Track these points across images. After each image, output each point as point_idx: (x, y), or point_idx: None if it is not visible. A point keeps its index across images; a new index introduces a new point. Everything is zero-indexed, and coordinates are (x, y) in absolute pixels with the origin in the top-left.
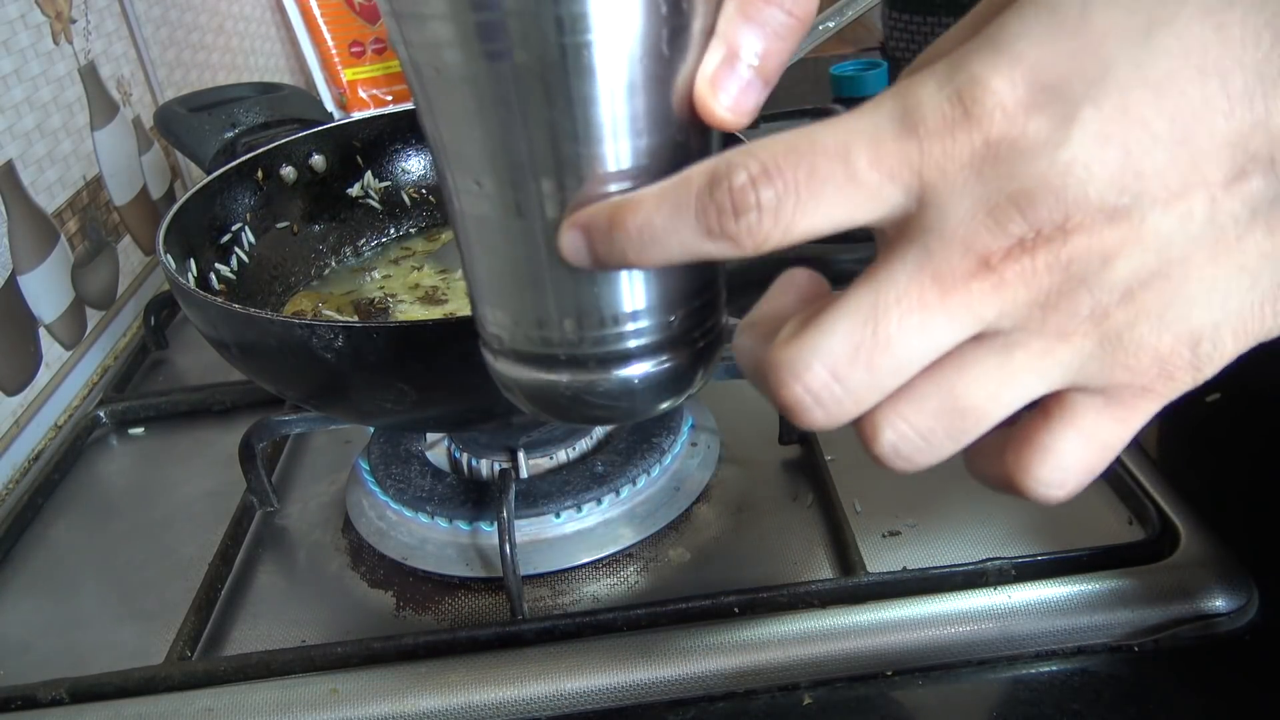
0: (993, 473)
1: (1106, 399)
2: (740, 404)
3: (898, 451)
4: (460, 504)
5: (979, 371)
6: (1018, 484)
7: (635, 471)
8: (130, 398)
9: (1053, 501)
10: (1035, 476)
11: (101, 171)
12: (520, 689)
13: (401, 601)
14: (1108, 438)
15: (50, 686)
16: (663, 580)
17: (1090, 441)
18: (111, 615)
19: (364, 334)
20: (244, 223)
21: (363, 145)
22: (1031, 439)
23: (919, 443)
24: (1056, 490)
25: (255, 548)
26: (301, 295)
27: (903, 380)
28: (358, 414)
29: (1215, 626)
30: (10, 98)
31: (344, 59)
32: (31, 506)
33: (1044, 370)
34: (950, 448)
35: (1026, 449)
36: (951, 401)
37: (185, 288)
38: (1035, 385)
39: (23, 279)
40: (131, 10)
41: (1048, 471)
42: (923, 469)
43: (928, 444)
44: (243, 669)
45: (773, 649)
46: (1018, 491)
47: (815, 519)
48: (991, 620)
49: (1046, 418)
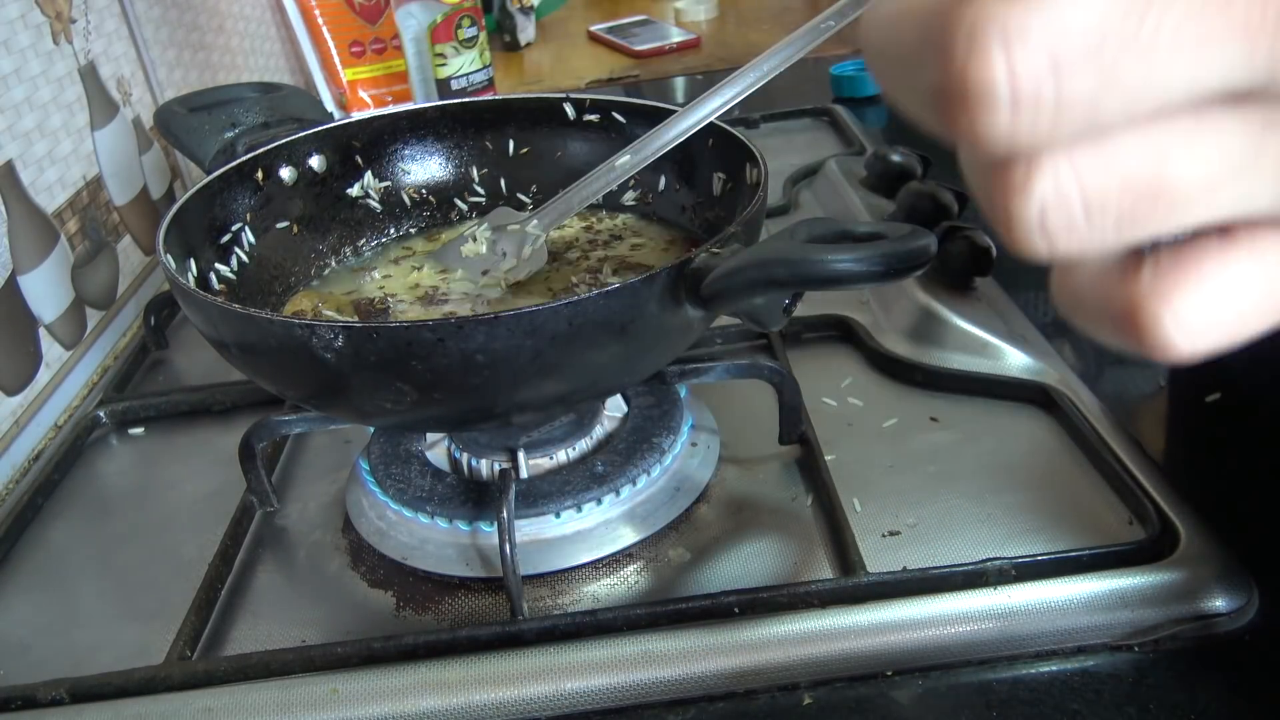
0: (1109, 299)
1: None
2: (740, 404)
3: (1042, 216)
4: (460, 504)
5: (1213, 144)
6: (1140, 316)
7: (635, 471)
8: (130, 398)
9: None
10: (1173, 308)
11: (101, 171)
12: (520, 689)
13: (401, 601)
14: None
15: (50, 686)
16: (663, 580)
17: (1266, 289)
18: (111, 615)
19: (364, 334)
20: (244, 223)
21: (363, 145)
22: (1190, 259)
23: (1076, 214)
24: (1184, 339)
25: (255, 548)
26: (301, 295)
27: (1125, 120)
28: (358, 414)
29: (1215, 626)
30: (10, 98)
31: (344, 59)
32: (31, 506)
33: None
34: (1104, 240)
35: (1177, 270)
36: (1154, 172)
37: (185, 288)
38: (1264, 196)
39: (23, 279)
40: (131, 10)
41: (1192, 306)
42: (1048, 256)
43: (1086, 221)
44: (243, 669)
45: (773, 649)
46: (1131, 330)
47: (815, 519)
48: (991, 620)
49: (1227, 239)
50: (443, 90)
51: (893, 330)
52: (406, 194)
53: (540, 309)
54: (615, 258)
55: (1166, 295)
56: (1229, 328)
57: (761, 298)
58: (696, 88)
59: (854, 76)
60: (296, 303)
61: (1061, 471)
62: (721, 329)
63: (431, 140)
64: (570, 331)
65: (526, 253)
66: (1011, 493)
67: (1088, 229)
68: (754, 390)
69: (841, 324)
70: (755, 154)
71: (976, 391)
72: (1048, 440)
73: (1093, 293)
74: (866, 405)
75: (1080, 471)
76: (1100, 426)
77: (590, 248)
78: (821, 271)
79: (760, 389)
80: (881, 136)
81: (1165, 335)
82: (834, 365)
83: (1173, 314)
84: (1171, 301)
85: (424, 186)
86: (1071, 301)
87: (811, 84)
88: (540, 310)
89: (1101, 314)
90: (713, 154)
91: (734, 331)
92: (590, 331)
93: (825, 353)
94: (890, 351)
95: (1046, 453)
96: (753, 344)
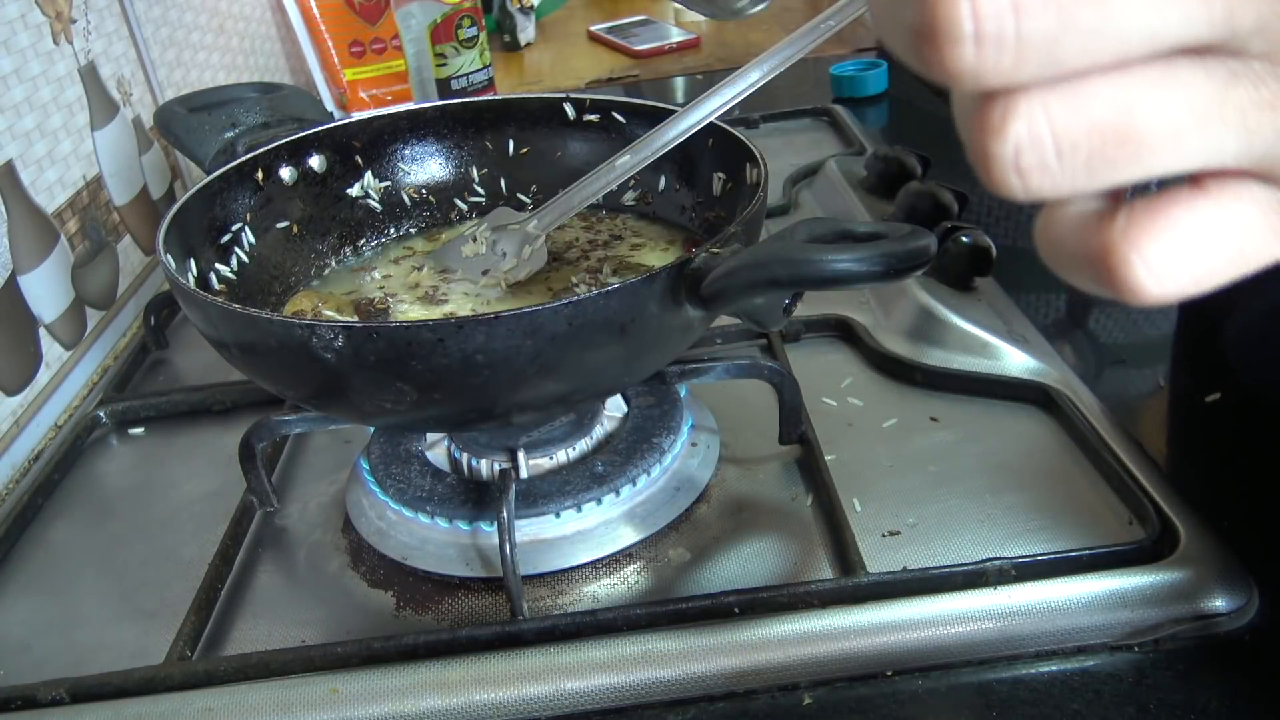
0: (1085, 243)
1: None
2: (740, 404)
3: (1017, 156)
4: (460, 504)
5: (1179, 93)
6: (1112, 259)
7: (635, 471)
8: (130, 398)
9: (1139, 297)
10: (1143, 252)
11: (101, 171)
12: (520, 689)
13: (401, 601)
14: (1250, 244)
15: (50, 686)
16: (663, 580)
17: (1232, 237)
18: (111, 615)
19: (364, 334)
20: (244, 223)
21: (363, 145)
22: (1161, 206)
23: (1048, 155)
24: (1153, 283)
25: (255, 548)
26: (301, 295)
27: (1086, 63)
28: (358, 414)
29: (1215, 626)
30: (10, 98)
31: (344, 59)
32: (31, 506)
33: (1254, 128)
34: (1075, 182)
35: (1148, 216)
36: (1122, 117)
37: (185, 288)
38: (1229, 145)
39: (23, 279)
40: (131, 10)
41: (1160, 250)
42: (1023, 195)
43: (1057, 162)
44: (243, 669)
45: (773, 649)
46: (1103, 273)
47: (815, 519)
48: (991, 620)
49: (1196, 187)
50: (443, 90)
51: (893, 330)
52: (406, 194)
53: (540, 309)
54: (615, 258)
55: (1137, 240)
56: (1195, 273)
57: (761, 298)
58: (696, 88)
59: (854, 76)
60: (296, 303)
61: (1061, 472)
62: (721, 329)
63: (431, 140)
64: (570, 331)
65: (526, 253)
66: (1011, 493)
67: (1059, 169)
68: (754, 390)
69: (841, 324)
70: (755, 154)
71: (976, 391)
72: (1048, 440)
73: (1070, 238)
74: (866, 405)
75: (1080, 471)
76: (1100, 426)
77: (590, 248)
78: (821, 272)
79: (760, 389)
80: (881, 136)
81: (1135, 278)
82: (834, 365)
83: (1142, 257)
84: (1141, 246)
85: (424, 186)
86: (1051, 247)
87: (811, 84)
88: (540, 310)
89: (1078, 258)
90: (713, 154)
91: (734, 331)
92: (590, 331)
93: (825, 353)
94: (890, 351)
95: (1046, 453)
96: (753, 344)
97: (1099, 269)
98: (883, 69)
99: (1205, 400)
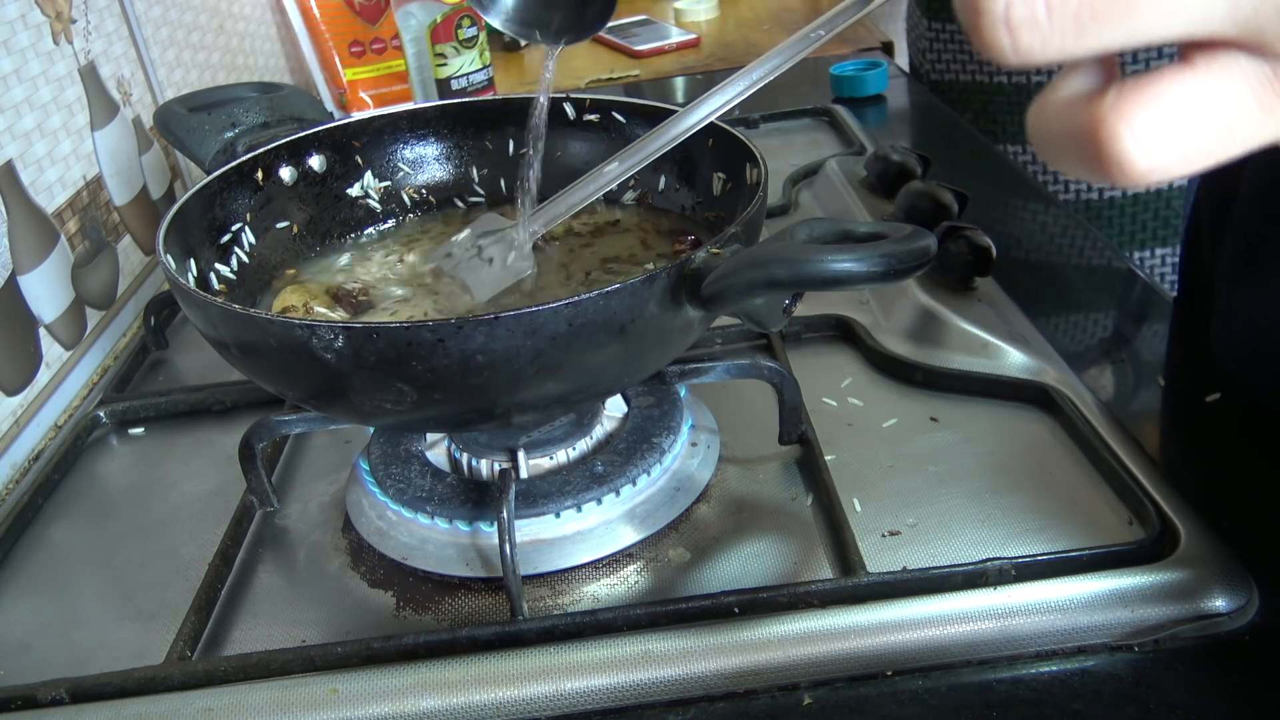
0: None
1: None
2: (740, 404)
3: (1007, 10)
4: (460, 504)
5: None
6: (1101, 131)
7: (635, 471)
8: (130, 398)
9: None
10: (1131, 124)
11: (101, 171)
12: (520, 689)
13: (401, 601)
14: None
15: (50, 686)
16: (663, 580)
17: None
18: (111, 615)
19: (364, 334)
20: (244, 223)
21: (363, 145)
22: (1149, 81)
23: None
24: (1141, 155)
25: (255, 548)
26: (289, 290)
27: None
28: (358, 414)
29: (1215, 626)
30: (10, 98)
31: (344, 59)
32: (31, 506)
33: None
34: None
35: (1137, 91)
36: None
37: (185, 288)
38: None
39: (23, 279)
40: (131, 10)
41: (1149, 121)
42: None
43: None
44: (243, 669)
45: (773, 649)
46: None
47: (815, 519)
48: (991, 620)
49: (1184, 62)
50: (443, 90)
51: (893, 330)
52: (406, 194)
53: (540, 309)
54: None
55: (1126, 111)
56: (1183, 149)
57: (761, 298)
58: (696, 88)
59: (854, 76)
60: (285, 298)
61: (1061, 471)
62: (721, 329)
63: (431, 140)
64: (570, 331)
65: (511, 259)
66: (1011, 493)
67: (1049, 25)
68: (754, 390)
69: (841, 324)
70: (755, 154)
71: (976, 391)
72: (1048, 440)
73: (1062, 116)
74: (866, 405)
75: (1080, 471)
76: (1100, 426)
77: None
78: (821, 272)
79: (760, 389)
80: (881, 136)
81: (1123, 150)
82: (834, 365)
83: (1130, 129)
84: (1130, 116)
85: (424, 186)
86: (1044, 129)
87: (811, 84)
88: (540, 310)
89: (1069, 136)
90: (713, 154)
91: (734, 331)
92: (590, 331)
93: (825, 353)
94: (890, 351)
95: (1046, 453)
96: (753, 344)
97: (1089, 145)
98: (883, 69)
99: (1205, 400)
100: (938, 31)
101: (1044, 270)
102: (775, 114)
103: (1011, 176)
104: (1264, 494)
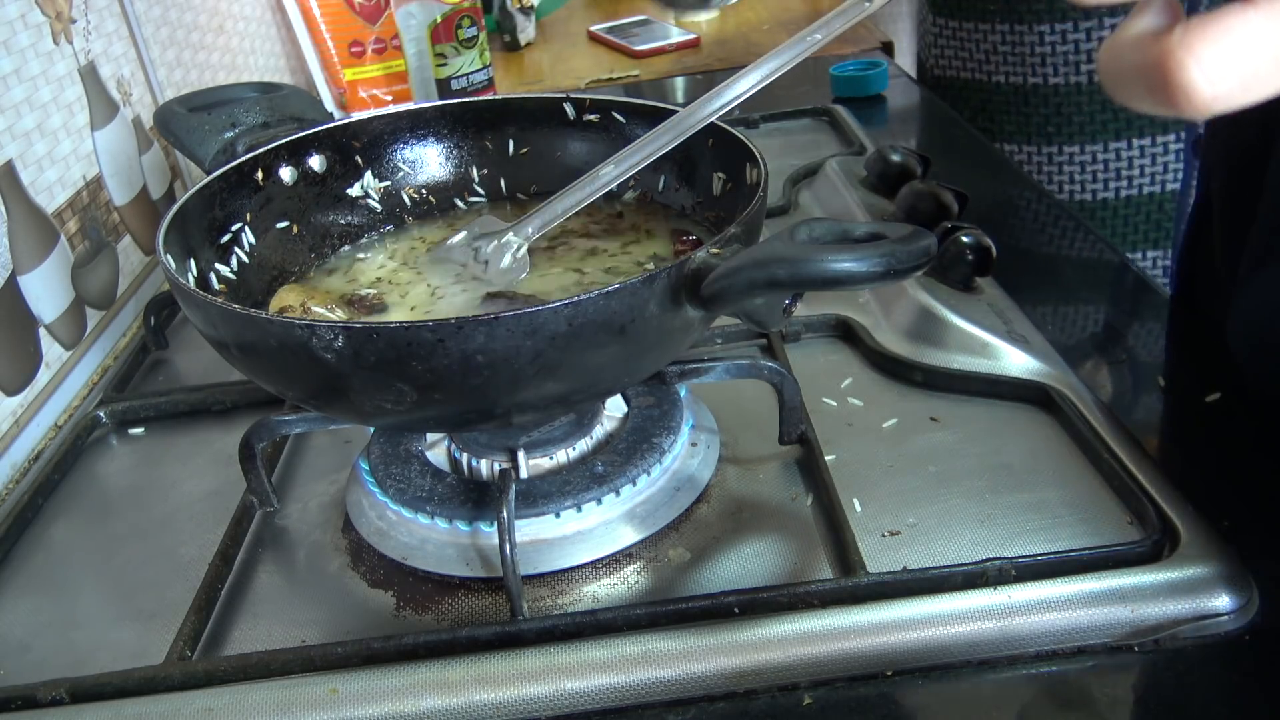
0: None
1: None
2: (740, 404)
3: None
4: (460, 504)
5: None
6: (1169, 62)
7: (635, 471)
8: (130, 398)
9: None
10: (1197, 55)
11: (101, 171)
12: (520, 689)
13: (401, 601)
14: None
15: (50, 686)
16: (663, 580)
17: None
18: (111, 615)
19: (364, 334)
20: (244, 223)
21: (363, 145)
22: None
23: None
24: (1206, 84)
25: (255, 548)
26: (287, 289)
27: None
28: (358, 414)
29: (1215, 626)
30: (10, 98)
31: (344, 59)
32: (31, 506)
33: None
34: None
35: (1203, 27)
36: None
37: (185, 288)
38: None
39: (23, 279)
40: (131, 10)
41: (1213, 53)
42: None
43: None
44: (243, 669)
45: (773, 649)
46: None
47: (815, 519)
48: (991, 620)
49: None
50: (443, 90)
51: (893, 330)
52: (406, 194)
53: (540, 309)
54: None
55: (1192, 44)
56: (1244, 77)
57: (761, 298)
58: (696, 88)
59: (854, 76)
60: (282, 297)
61: (1061, 471)
62: (721, 329)
63: (431, 140)
64: (570, 332)
65: (507, 262)
66: (1011, 493)
67: None
68: (754, 390)
69: (841, 324)
70: (755, 154)
71: (976, 391)
72: (1048, 440)
73: (1132, 51)
74: (866, 405)
75: (1080, 471)
76: (1100, 426)
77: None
78: (822, 272)
79: (760, 389)
80: (881, 137)
81: (1189, 79)
82: (834, 365)
83: (1196, 60)
84: (1195, 49)
85: (424, 186)
86: (1114, 63)
87: (811, 84)
88: (540, 310)
89: (1137, 70)
90: (713, 154)
91: (734, 331)
92: (590, 331)
93: (825, 353)
94: (890, 351)
95: (1046, 453)
96: (753, 344)
97: (1156, 75)
98: (883, 69)
99: (1205, 400)
100: (941, 27)
101: (1044, 270)
102: (775, 114)
103: (1011, 176)
104: (1264, 494)
